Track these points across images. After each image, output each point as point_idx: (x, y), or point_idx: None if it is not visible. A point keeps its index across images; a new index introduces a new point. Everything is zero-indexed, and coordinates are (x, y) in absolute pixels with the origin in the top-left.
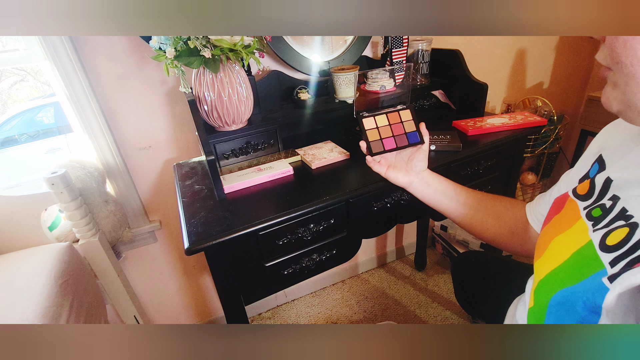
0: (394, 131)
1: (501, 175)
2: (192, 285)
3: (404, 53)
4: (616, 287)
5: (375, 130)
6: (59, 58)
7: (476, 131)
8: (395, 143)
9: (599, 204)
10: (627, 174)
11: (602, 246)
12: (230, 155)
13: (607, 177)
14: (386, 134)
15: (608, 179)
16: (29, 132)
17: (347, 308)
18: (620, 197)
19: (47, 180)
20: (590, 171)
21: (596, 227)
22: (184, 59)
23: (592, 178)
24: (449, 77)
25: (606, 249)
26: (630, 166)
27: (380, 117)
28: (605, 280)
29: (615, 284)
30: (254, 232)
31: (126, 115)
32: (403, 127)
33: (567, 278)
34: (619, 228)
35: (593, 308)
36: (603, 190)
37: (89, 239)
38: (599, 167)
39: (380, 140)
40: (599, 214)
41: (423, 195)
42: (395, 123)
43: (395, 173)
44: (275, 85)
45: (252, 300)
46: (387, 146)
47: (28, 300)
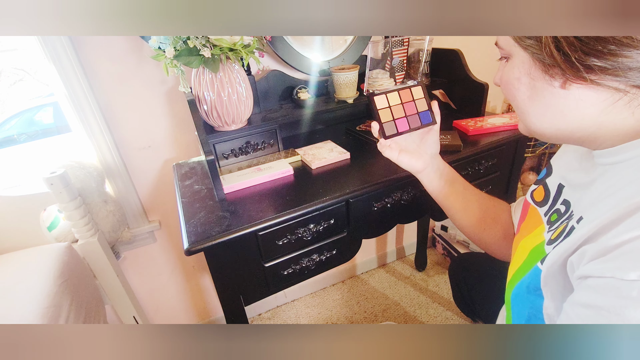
0: (406, 111)
1: (502, 175)
2: (192, 286)
3: (404, 53)
4: (545, 266)
5: (388, 110)
6: (58, 58)
7: (477, 131)
8: (409, 124)
9: (555, 209)
10: (571, 179)
11: (548, 242)
12: (230, 155)
13: (559, 184)
14: (399, 114)
15: (560, 185)
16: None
17: (347, 308)
18: (570, 202)
19: (46, 180)
20: (540, 175)
21: (550, 229)
22: (183, 58)
23: (544, 183)
24: (449, 77)
25: (550, 242)
26: (572, 171)
27: (392, 94)
28: (539, 264)
29: (546, 262)
30: (254, 232)
31: (125, 115)
32: (415, 106)
33: (521, 273)
34: (561, 225)
35: (535, 291)
36: (557, 196)
37: (88, 239)
38: (546, 172)
39: (393, 121)
40: (555, 218)
41: (432, 184)
42: (407, 101)
43: (409, 157)
44: (275, 85)
45: (252, 300)
46: (400, 128)
47: (27, 301)
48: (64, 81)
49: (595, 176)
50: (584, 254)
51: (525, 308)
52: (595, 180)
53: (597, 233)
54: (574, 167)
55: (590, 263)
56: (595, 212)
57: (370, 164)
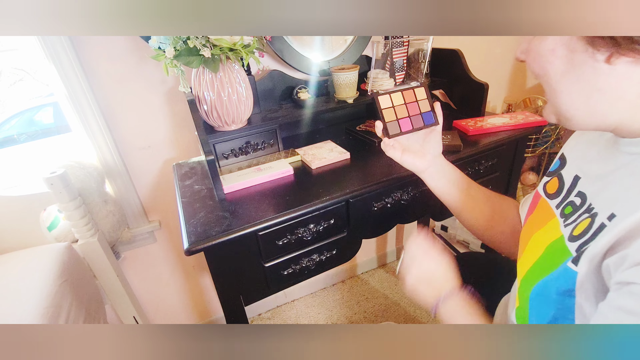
0: (409, 111)
1: (502, 175)
2: (192, 286)
3: (404, 53)
4: (582, 266)
5: (392, 110)
6: (58, 58)
7: (477, 131)
8: (412, 124)
9: (569, 201)
10: (587, 170)
11: (570, 237)
12: (230, 155)
13: (575, 175)
14: (402, 114)
15: (576, 177)
16: (27, 132)
17: (347, 308)
18: (586, 194)
19: (46, 180)
20: (552, 167)
21: (567, 223)
22: (183, 58)
23: (559, 174)
24: (449, 76)
25: (572, 239)
26: (589, 163)
27: (396, 94)
28: (571, 264)
29: (581, 264)
30: (254, 232)
31: (125, 114)
32: (418, 107)
33: (542, 270)
34: (583, 220)
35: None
36: (571, 187)
37: (88, 239)
38: (560, 163)
39: (396, 121)
40: (570, 211)
41: (436, 184)
42: (410, 102)
43: (412, 157)
44: (275, 85)
45: (252, 300)
46: (403, 128)
47: (27, 301)
48: (64, 81)
49: (618, 166)
50: (624, 258)
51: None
52: (617, 171)
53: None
54: (592, 157)
55: (634, 269)
56: (628, 207)
57: (370, 164)
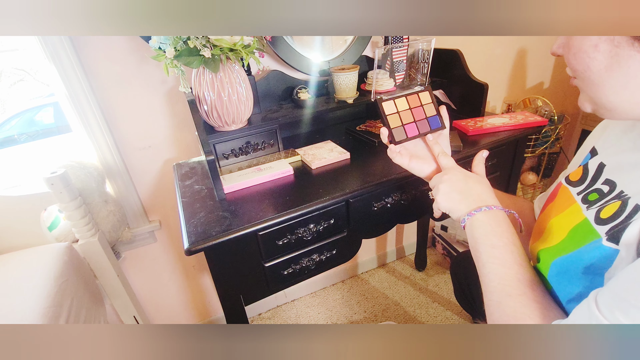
0: (415, 116)
1: (502, 176)
2: (192, 286)
3: (404, 53)
4: (623, 246)
5: (397, 116)
6: (58, 58)
7: (476, 131)
8: (418, 129)
9: (595, 188)
10: (620, 159)
11: (597, 220)
12: (230, 155)
13: (600, 162)
14: (407, 120)
15: (601, 164)
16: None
17: (347, 308)
18: (616, 182)
19: (46, 180)
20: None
21: (590, 207)
22: (183, 58)
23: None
24: (449, 77)
25: (601, 221)
26: (622, 152)
27: (400, 100)
28: (607, 243)
29: (622, 244)
30: (254, 232)
31: (126, 115)
32: (424, 111)
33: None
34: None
35: (598, 270)
36: (596, 175)
37: (89, 239)
38: (591, 156)
39: (402, 126)
40: (596, 197)
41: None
42: (415, 107)
43: (420, 163)
44: (275, 85)
45: (252, 300)
46: (409, 133)
47: (27, 301)
48: (64, 81)
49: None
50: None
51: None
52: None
53: None
54: (628, 147)
55: None
56: None
57: (370, 164)
